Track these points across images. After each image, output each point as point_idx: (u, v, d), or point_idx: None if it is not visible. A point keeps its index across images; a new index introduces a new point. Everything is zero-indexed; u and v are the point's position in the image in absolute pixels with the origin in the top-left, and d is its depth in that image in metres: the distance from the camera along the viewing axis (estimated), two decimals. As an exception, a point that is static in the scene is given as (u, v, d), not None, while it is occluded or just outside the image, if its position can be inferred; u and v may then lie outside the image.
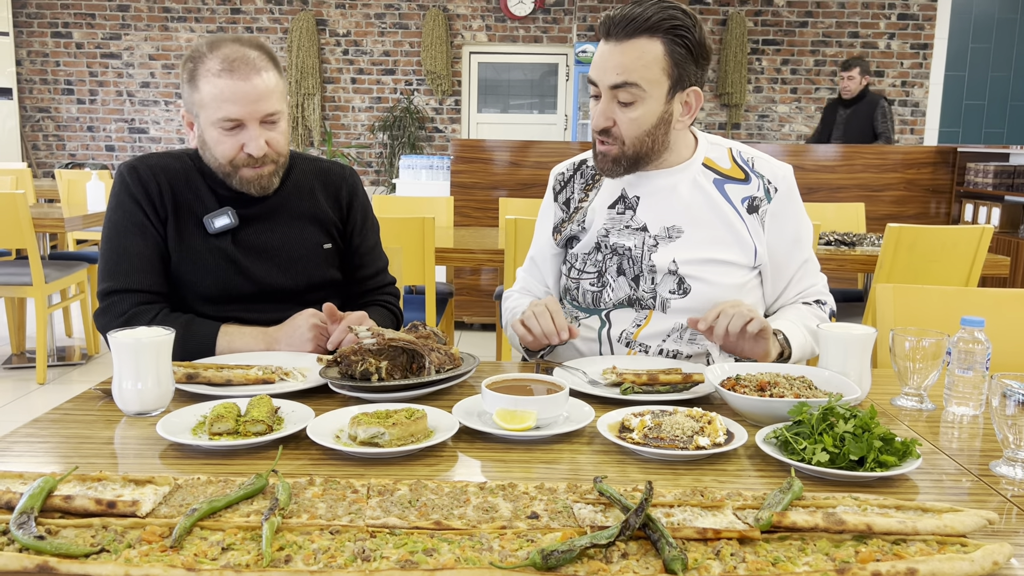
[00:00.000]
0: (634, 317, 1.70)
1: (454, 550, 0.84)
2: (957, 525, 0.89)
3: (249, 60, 1.61)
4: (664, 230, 1.68)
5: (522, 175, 5.29)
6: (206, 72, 1.61)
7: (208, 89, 1.60)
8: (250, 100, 1.61)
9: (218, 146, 1.65)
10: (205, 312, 1.69)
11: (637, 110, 1.58)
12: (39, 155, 8.61)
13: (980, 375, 1.37)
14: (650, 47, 1.55)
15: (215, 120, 1.62)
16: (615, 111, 1.60)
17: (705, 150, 1.73)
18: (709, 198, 1.69)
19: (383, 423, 1.15)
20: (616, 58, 1.56)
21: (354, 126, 8.51)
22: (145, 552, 0.83)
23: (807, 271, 1.76)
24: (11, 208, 3.86)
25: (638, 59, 1.55)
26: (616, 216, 1.72)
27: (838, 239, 3.61)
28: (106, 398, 1.38)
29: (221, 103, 1.60)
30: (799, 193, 1.76)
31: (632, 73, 1.55)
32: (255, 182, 1.69)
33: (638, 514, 0.86)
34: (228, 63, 1.60)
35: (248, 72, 1.60)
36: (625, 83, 1.56)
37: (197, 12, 8.32)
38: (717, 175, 1.71)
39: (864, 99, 6.25)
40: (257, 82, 1.61)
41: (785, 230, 1.71)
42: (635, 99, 1.57)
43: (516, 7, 8.16)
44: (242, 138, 1.63)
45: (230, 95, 1.59)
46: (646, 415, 1.22)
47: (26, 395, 4.00)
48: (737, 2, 8.06)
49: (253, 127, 1.63)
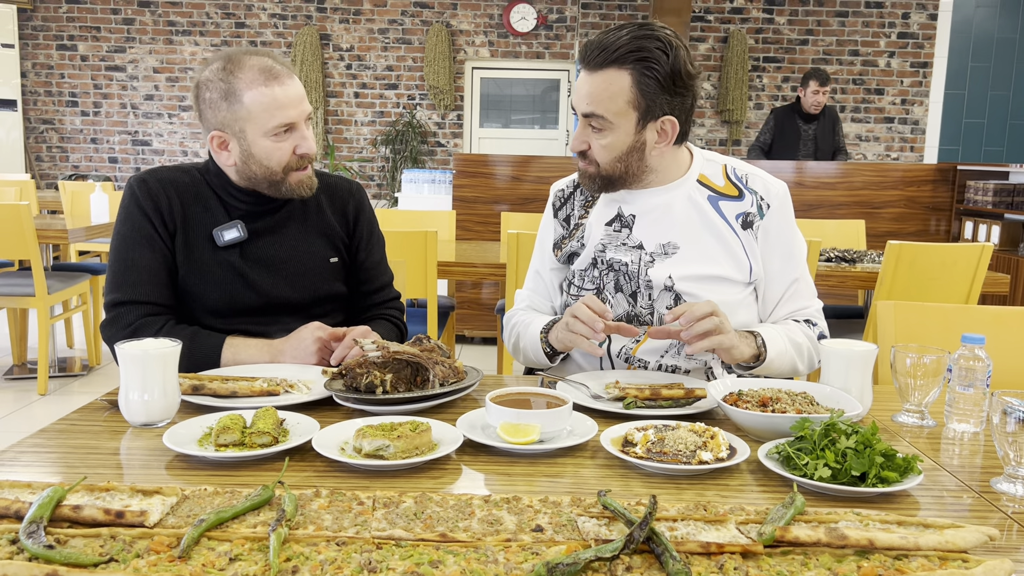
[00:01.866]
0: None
1: (459, 562, 0.85)
2: (959, 541, 0.90)
3: (279, 64, 1.66)
4: (660, 247, 1.70)
5: (523, 190, 5.31)
6: (248, 85, 1.62)
7: (257, 100, 1.62)
8: (299, 100, 1.67)
9: (273, 155, 1.67)
10: (212, 325, 1.70)
11: (607, 138, 1.62)
12: (43, 167, 8.64)
13: (981, 392, 1.38)
14: (617, 79, 1.57)
15: (269, 129, 1.64)
16: (589, 136, 1.64)
17: (700, 167, 1.75)
18: (704, 215, 1.70)
19: (388, 436, 1.16)
20: (586, 87, 1.60)
21: (357, 140, 8.54)
22: (153, 562, 0.84)
23: (799, 291, 1.75)
24: (15, 219, 3.88)
25: (604, 91, 1.58)
26: (613, 233, 1.74)
27: (838, 256, 3.62)
28: (112, 409, 1.38)
29: (275, 111, 1.63)
30: (793, 211, 1.77)
31: (598, 105, 1.59)
32: (306, 183, 1.72)
33: (642, 527, 0.87)
34: (266, 72, 1.63)
35: (287, 75, 1.66)
36: (592, 113, 1.60)
37: (202, 26, 8.38)
38: (712, 192, 1.72)
39: (825, 114, 6.11)
40: (296, 84, 1.67)
41: (776, 246, 1.72)
42: (603, 127, 1.61)
43: (519, 23, 8.22)
44: (293, 140, 1.67)
45: (284, 100, 1.63)
46: (649, 430, 1.23)
47: (27, 406, 4.01)
48: (738, 20, 8.12)
49: (302, 127, 1.68)
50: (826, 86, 5.92)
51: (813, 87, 5.91)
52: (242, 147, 1.67)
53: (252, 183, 1.72)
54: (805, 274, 1.76)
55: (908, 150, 8.27)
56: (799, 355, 1.68)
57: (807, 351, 1.70)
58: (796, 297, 1.74)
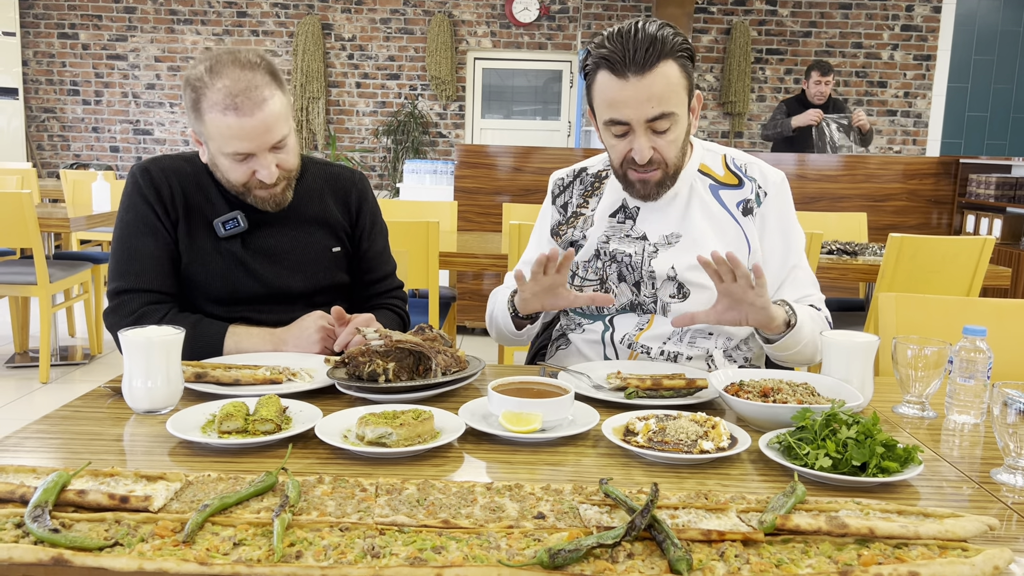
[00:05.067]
0: (636, 321, 1.72)
1: (462, 548, 0.86)
2: (958, 530, 0.90)
3: (253, 91, 1.57)
4: (663, 238, 1.71)
5: (525, 181, 5.31)
6: (211, 106, 1.57)
7: (215, 124, 1.58)
8: (258, 134, 1.59)
9: (230, 172, 1.65)
10: (214, 313, 1.71)
11: (673, 132, 1.59)
12: (44, 155, 8.63)
13: (981, 384, 1.39)
14: (670, 71, 1.54)
15: (225, 153, 1.62)
16: (655, 140, 1.59)
17: (700, 156, 1.76)
18: (705, 205, 1.71)
19: (390, 423, 1.16)
20: (644, 92, 1.53)
21: (358, 130, 8.53)
22: (158, 546, 0.85)
23: (799, 278, 1.74)
24: (17, 208, 3.88)
25: (666, 87, 1.53)
26: (616, 225, 1.75)
27: (840, 248, 3.62)
28: (115, 396, 1.39)
29: (229, 139, 1.59)
30: (792, 201, 1.77)
31: (667, 103, 1.54)
32: (269, 201, 1.70)
33: (644, 515, 0.88)
34: (232, 98, 1.55)
35: (252, 108, 1.56)
36: (663, 114, 1.55)
37: (203, 15, 8.35)
38: (713, 181, 1.74)
39: (832, 105, 6.10)
40: (263, 116, 1.57)
41: (773, 232, 1.73)
42: (672, 124, 1.58)
43: (521, 14, 8.19)
44: (253, 165, 1.63)
45: (238, 132, 1.57)
46: (651, 419, 1.24)
47: (29, 394, 4.02)
48: (741, 11, 8.09)
49: (263, 156, 1.62)
50: (827, 75, 5.92)
51: (815, 77, 5.93)
52: (210, 154, 1.67)
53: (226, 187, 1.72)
54: (805, 264, 1.76)
55: (911, 143, 8.25)
56: (816, 329, 1.64)
57: (821, 327, 1.67)
58: (797, 285, 1.74)
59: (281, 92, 1.63)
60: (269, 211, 1.73)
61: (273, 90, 1.60)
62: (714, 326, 1.69)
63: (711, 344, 1.71)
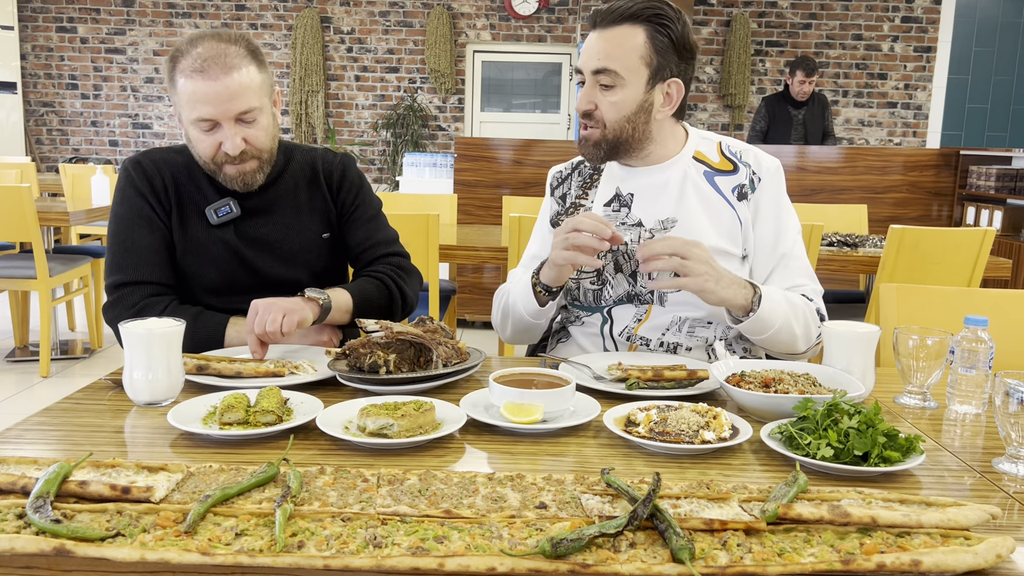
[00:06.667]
0: (634, 312, 1.72)
1: (464, 538, 0.86)
2: (960, 519, 0.90)
3: (223, 57, 1.58)
4: (659, 223, 1.71)
5: (525, 174, 5.30)
6: (181, 72, 1.59)
7: (184, 90, 1.59)
8: (221, 100, 1.58)
9: (198, 144, 1.65)
10: (210, 303, 1.71)
11: (617, 94, 1.62)
12: (43, 149, 8.62)
13: (983, 374, 1.39)
14: (632, 34, 1.60)
15: (192, 120, 1.61)
16: (596, 95, 1.64)
17: (696, 143, 1.76)
18: (700, 191, 1.71)
19: (392, 415, 1.16)
20: (599, 44, 1.62)
21: (357, 123, 8.51)
22: (160, 537, 0.85)
23: (790, 267, 1.72)
24: (16, 202, 3.88)
25: (618, 46, 1.60)
26: (612, 214, 1.75)
27: (840, 240, 3.62)
28: (116, 388, 1.39)
29: (195, 103, 1.59)
30: (785, 188, 1.76)
31: (612, 60, 1.60)
32: (237, 179, 1.68)
33: (646, 504, 0.88)
34: (201, 62, 1.57)
35: (219, 72, 1.57)
36: (605, 68, 1.61)
37: (202, 8, 8.33)
38: (708, 168, 1.74)
39: (815, 100, 6.19)
40: (228, 81, 1.58)
41: (767, 217, 1.72)
42: (615, 83, 1.61)
43: (520, 6, 8.17)
44: (219, 137, 1.62)
45: (202, 95, 1.57)
46: (652, 410, 1.23)
47: (29, 388, 4.02)
48: (741, 3, 8.07)
49: (228, 126, 1.61)
50: (812, 76, 5.98)
51: (800, 77, 5.98)
52: (184, 130, 1.67)
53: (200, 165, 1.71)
54: (799, 253, 1.74)
55: (911, 135, 8.24)
56: (797, 318, 1.62)
57: (804, 316, 1.64)
58: (790, 272, 1.72)
59: (257, 68, 1.63)
60: (238, 191, 1.71)
61: (247, 63, 1.61)
62: (714, 316, 1.69)
63: (710, 334, 1.71)
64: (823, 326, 1.48)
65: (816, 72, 6.02)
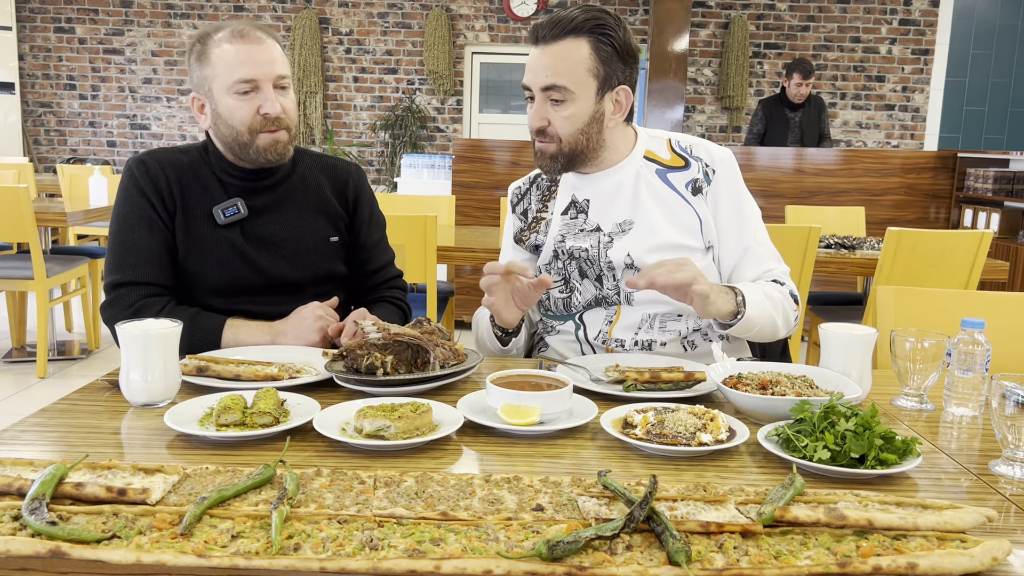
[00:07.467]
0: (604, 315, 1.74)
1: (460, 540, 0.85)
2: (957, 522, 0.90)
3: (256, 30, 1.68)
4: (616, 226, 1.72)
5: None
6: (216, 43, 1.66)
7: (220, 56, 1.65)
8: (264, 61, 1.66)
9: (235, 113, 1.67)
10: (212, 304, 1.71)
11: (568, 109, 1.63)
12: (40, 150, 8.61)
13: (980, 376, 1.39)
14: (576, 47, 1.60)
15: (229, 84, 1.65)
16: (548, 111, 1.64)
17: (645, 143, 1.77)
18: (653, 189, 1.72)
19: (389, 416, 1.16)
20: (544, 60, 1.61)
21: (356, 125, 8.51)
22: (156, 539, 0.84)
23: (757, 255, 1.73)
24: (13, 202, 3.87)
25: (564, 60, 1.60)
26: (570, 221, 1.76)
27: (838, 242, 3.62)
28: (112, 389, 1.39)
29: (234, 66, 1.64)
30: (741, 177, 1.77)
31: (560, 76, 1.60)
32: (272, 148, 1.70)
33: (643, 507, 0.87)
34: (238, 32, 1.66)
35: (259, 37, 1.67)
36: (554, 85, 1.61)
37: (200, 9, 8.33)
38: (659, 166, 1.75)
39: (811, 102, 6.21)
40: (269, 45, 1.68)
41: (727, 209, 1.73)
42: (565, 98, 1.62)
43: (519, 8, 8.18)
44: (257, 100, 1.66)
45: (245, 57, 1.64)
46: (649, 412, 1.23)
47: (26, 389, 4.01)
48: (739, 6, 8.08)
49: (267, 88, 1.67)
50: (808, 79, 6.00)
51: (796, 79, 6.00)
52: (211, 107, 1.70)
53: (228, 149, 1.73)
54: (763, 238, 1.76)
55: (908, 137, 8.25)
56: (776, 309, 1.65)
57: (781, 304, 1.67)
58: (757, 260, 1.73)
59: (282, 50, 1.72)
60: (272, 163, 1.73)
61: (275, 41, 1.71)
62: (682, 309, 1.70)
63: (682, 326, 1.72)
64: (821, 328, 1.48)
65: (813, 74, 6.04)
